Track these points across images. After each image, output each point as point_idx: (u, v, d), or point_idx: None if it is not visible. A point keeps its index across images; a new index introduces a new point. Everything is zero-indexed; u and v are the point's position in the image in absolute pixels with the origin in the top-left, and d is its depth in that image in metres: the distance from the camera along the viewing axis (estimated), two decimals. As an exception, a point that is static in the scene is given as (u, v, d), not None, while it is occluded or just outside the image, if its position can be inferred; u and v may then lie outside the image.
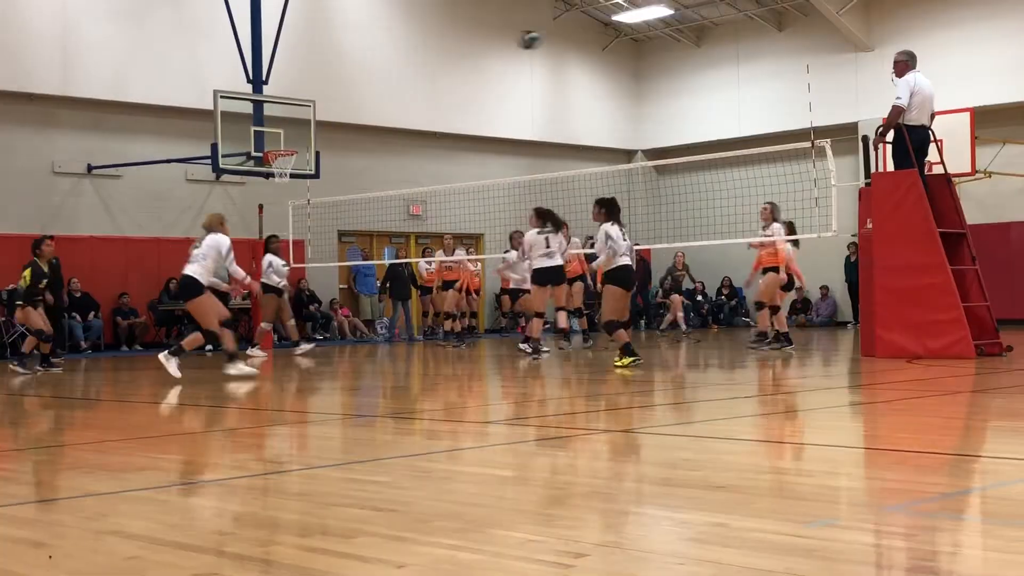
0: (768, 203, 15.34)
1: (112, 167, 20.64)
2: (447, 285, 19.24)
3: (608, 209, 12.97)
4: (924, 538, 3.71)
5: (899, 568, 3.39)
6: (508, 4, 26.54)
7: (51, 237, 16.15)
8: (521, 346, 15.94)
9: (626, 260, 12.70)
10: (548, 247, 14.52)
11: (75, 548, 3.81)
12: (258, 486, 5.23)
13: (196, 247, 12.63)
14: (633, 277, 13.04)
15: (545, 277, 14.53)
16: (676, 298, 22.13)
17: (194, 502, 4.80)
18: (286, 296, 17.74)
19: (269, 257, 17.25)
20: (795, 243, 15.39)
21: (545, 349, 15.27)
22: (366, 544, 3.74)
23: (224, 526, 4.22)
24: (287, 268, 17.67)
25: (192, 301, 12.51)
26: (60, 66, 19.99)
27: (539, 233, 14.56)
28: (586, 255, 16.93)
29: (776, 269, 15.12)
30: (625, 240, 12.81)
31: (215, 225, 12.80)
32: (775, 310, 15.37)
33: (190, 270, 12.43)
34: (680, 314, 22.08)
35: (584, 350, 16.56)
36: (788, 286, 15.88)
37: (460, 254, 19.49)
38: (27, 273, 14.52)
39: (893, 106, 13.12)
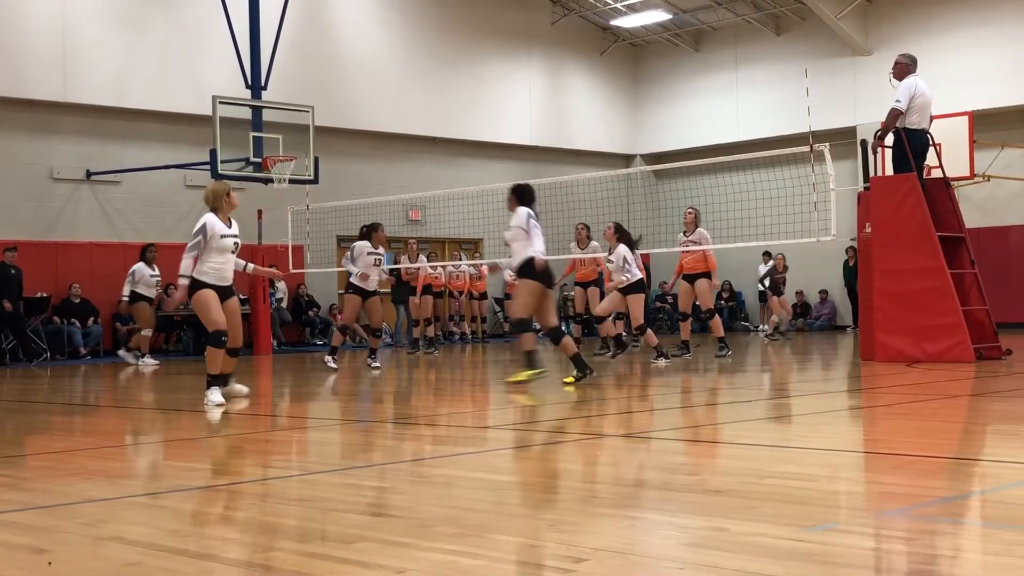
0: (692, 208, 15.35)
1: (111, 173, 20.65)
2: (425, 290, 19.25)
3: (520, 196, 11.75)
4: (924, 542, 3.71)
5: (899, 572, 3.39)
6: (506, 10, 26.57)
7: (13, 248, 16.52)
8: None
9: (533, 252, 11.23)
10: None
11: (75, 554, 3.81)
12: (257, 492, 5.22)
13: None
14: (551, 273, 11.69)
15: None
16: (778, 299, 22.02)
17: (194, 508, 4.80)
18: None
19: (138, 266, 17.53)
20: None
21: None
22: (366, 550, 3.74)
23: (224, 532, 4.22)
24: (156, 278, 17.98)
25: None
26: (59, 72, 20.00)
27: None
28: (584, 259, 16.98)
29: (707, 275, 14.99)
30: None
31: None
32: (686, 317, 15.29)
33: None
34: (784, 315, 21.89)
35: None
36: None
37: (422, 259, 19.44)
38: None
39: (891, 109, 13.13)
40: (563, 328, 12.47)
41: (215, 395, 9.50)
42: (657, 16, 26.99)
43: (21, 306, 18.30)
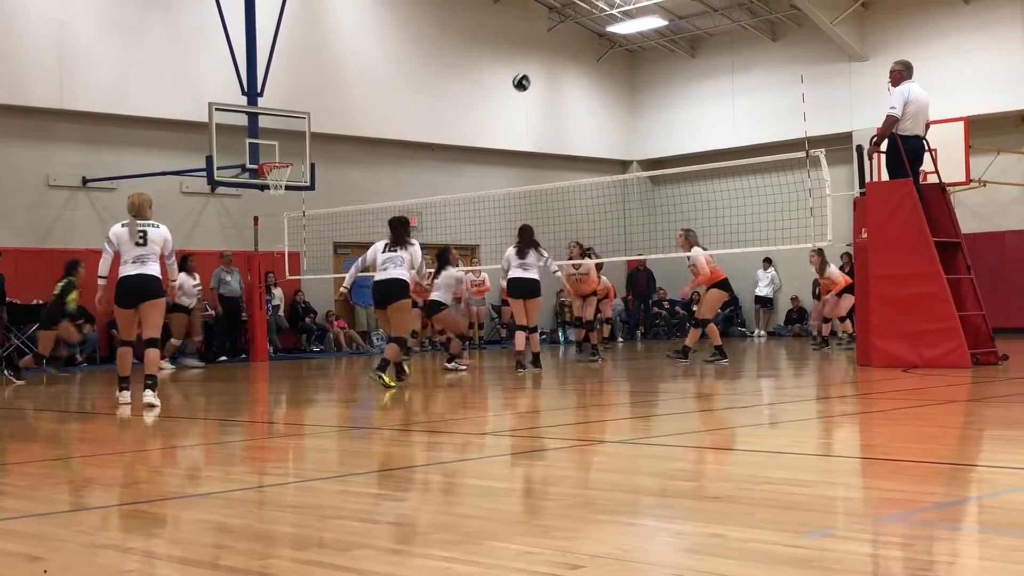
0: (682, 231, 15.65)
1: (107, 180, 20.63)
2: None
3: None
4: (921, 548, 3.71)
5: (896, 578, 3.39)
6: (503, 16, 26.59)
7: None
8: (449, 364, 15.07)
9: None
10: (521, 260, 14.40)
11: (71, 562, 3.80)
12: (254, 499, 5.22)
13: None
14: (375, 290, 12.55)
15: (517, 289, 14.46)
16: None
17: (190, 515, 4.79)
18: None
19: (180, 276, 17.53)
20: None
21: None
22: (363, 557, 3.73)
23: (221, 539, 4.21)
24: (198, 288, 18.32)
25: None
26: (55, 79, 19.99)
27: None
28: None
29: (718, 285, 15.17)
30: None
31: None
32: (706, 323, 15.50)
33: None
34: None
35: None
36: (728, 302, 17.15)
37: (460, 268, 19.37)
38: None
39: (887, 116, 13.16)
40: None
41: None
42: (653, 22, 27.02)
43: (4, 312, 18.23)
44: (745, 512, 4.32)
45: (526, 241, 14.56)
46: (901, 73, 13.42)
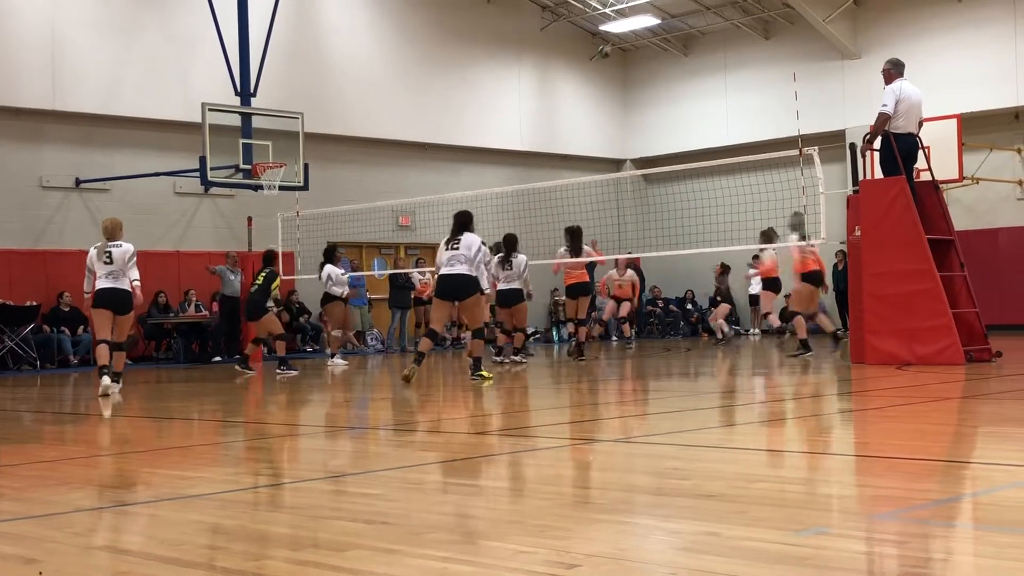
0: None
1: (100, 181, 20.61)
2: None
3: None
4: (916, 545, 3.72)
5: None
6: (496, 15, 26.59)
7: None
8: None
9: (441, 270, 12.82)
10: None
11: (65, 564, 3.79)
12: (249, 500, 5.21)
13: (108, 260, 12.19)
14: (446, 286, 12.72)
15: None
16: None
17: (185, 516, 4.78)
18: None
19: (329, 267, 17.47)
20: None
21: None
22: (358, 557, 3.73)
23: (215, 540, 4.21)
24: (346, 276, 18.08)
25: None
26: (48, 80, 19.96)
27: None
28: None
29: (813, 276, 15.74)
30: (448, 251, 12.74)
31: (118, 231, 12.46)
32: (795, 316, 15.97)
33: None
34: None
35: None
36: (777, 289, 17.59)
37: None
38: None
39: (879, 113, 13.18)
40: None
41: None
42: (646, 21, 27.04)
43: None
44: (740, 510, 4.32)
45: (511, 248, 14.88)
46: (891, 72, 13.44)
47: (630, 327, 21.15)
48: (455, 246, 12.74)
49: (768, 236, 17.23)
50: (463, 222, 12.92)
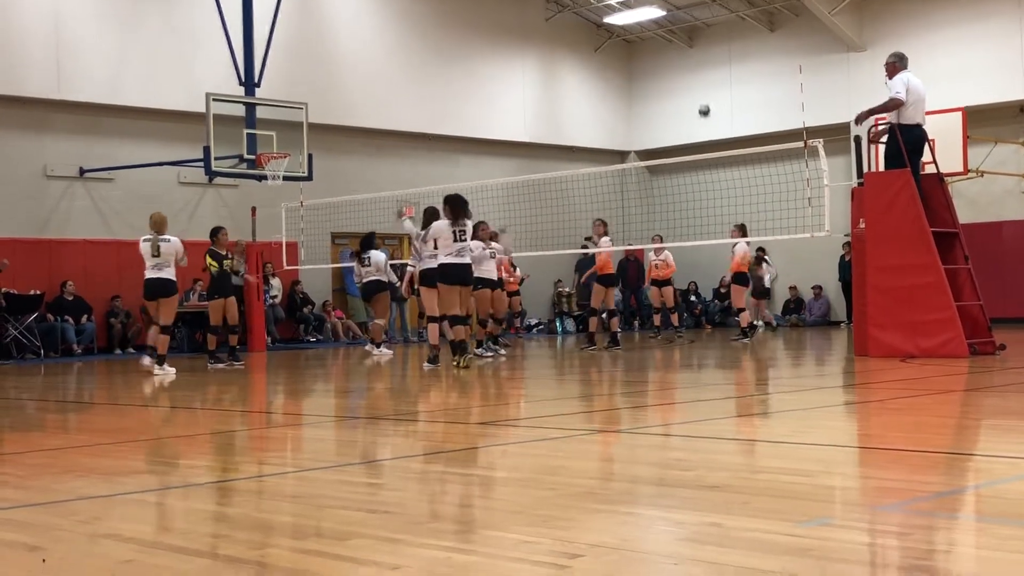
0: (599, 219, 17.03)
1: (104, 170, 20.62)
2: None
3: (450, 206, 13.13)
4: (919, 537, 3.71)
5: (894, 567, 3.39)
6: (500, 6, 26.55)
7: None
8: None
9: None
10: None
11: (69, 552, 3.80)
12: (252, 488, 5.22)
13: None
14: (462, 273, 13.09)
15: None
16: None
17: (188, 505, 4.79)
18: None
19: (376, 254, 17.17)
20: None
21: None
22: (361, 546, 3.74)
23: (218, 529, 4.21)
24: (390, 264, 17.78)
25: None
26: (52, 70, 19.96)
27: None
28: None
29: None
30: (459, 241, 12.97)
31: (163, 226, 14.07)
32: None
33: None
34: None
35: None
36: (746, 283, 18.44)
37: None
38: None
39: (891, 98, 13.08)
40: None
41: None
42: (651, 13, 26.98)
43: (1, 299, 18.19)
44: (743, 501, 4.32)
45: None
46: (895, 65, 13.40)
47: (679, 317, 20.66)
48: (463, 236, 13.06)
49: (743, 230, 17.46)
50: (461, 206, 13.28)
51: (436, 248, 13.23)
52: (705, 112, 27.38)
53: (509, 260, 18.12)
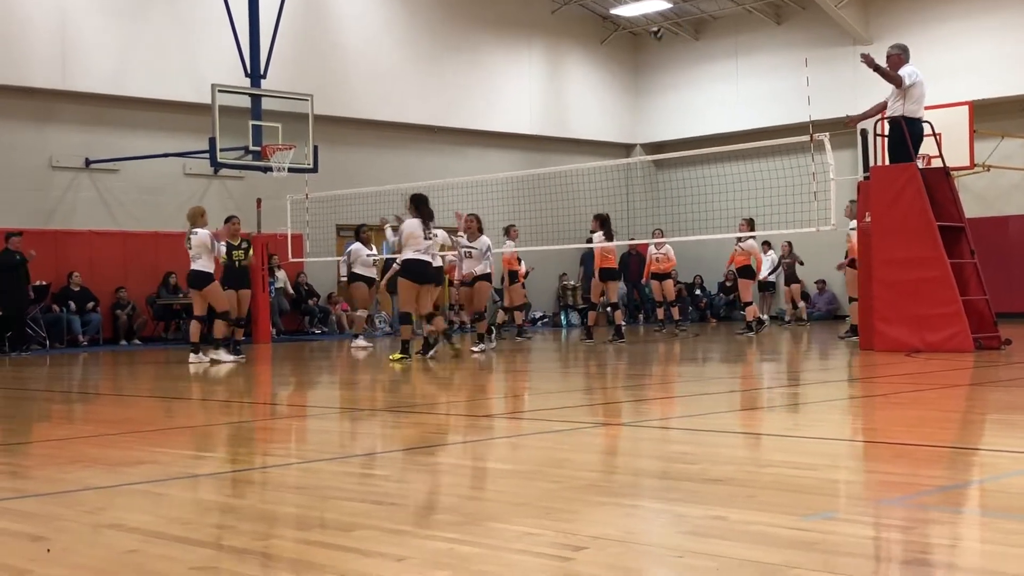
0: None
1: (110, 161, 20.62)
2: None
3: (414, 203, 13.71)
4: (922, 531, 3.72)
5: (898, 561, 3.40)
6: (506, -2, 26.53)
7: (18, 234, 16.89)
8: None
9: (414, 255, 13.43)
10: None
11: (74, 542, 3.81)
12: (257, 479, 5.23)
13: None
14: (426, 270, 13.57)
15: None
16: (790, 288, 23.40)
17: (193, 496, 4.80)
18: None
19: (355, 245, 17.23)
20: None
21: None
22: (365, 537, 3.74)
23: (223, 520, 4.22)
24: (373, 258, 17.71)
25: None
26: (58, 61, 19.96)
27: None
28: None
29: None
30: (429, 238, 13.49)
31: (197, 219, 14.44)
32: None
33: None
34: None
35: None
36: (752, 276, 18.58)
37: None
38: None
39: (898, 75, 13.01)
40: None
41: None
42: (657, 5, 26.92)
43: (30, 291, 18.21)
44: (747, 495, 4.32)
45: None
46: (900, 56, 13.36)
47: (680, 311, 20.75)
48: (430, 235, 13.64)
49: (752, 224, 17.58)
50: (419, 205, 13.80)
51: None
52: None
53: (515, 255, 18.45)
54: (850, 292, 16.31)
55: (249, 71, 19.65)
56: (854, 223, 15.17)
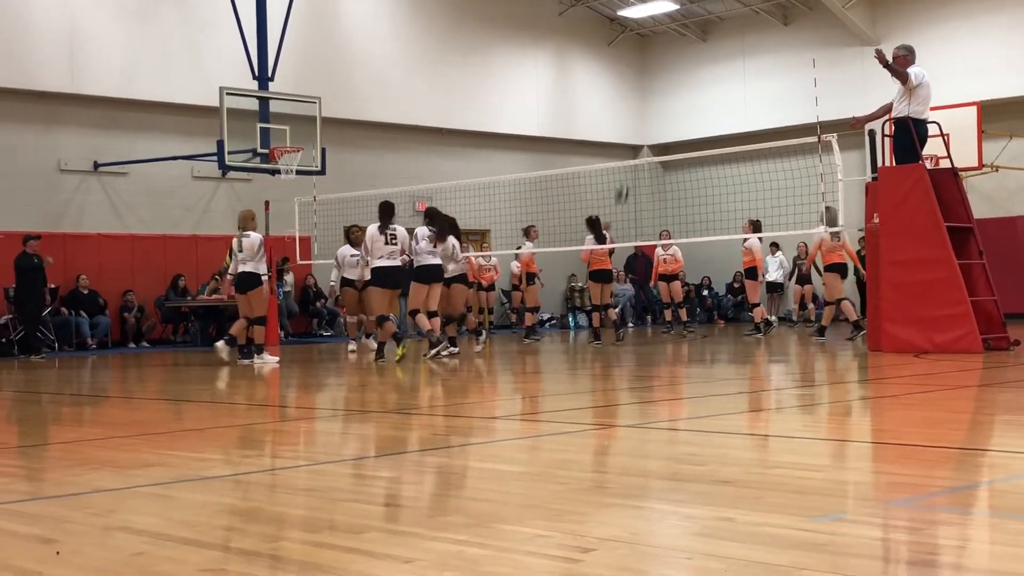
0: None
1: (119, 164, 20.67)
2: None
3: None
4: (931, 532, 3.71)
5: (906, 562, 3.39)
6: (514, 0, 26.52)
7: (37, 237, 16.90)
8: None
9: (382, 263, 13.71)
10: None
11: (83, 544, 3.82)
12: (265, 482, 5.23)
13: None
14: (394, 274, 13.84)
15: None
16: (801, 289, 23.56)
17: (201, 498, 4.81)
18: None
19: (343, 248, 16.97)
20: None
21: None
22: (373, 539, 3.74)
23: (231, 522, 4.23)
24: (356, 259, 16.81)
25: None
26: (67, 64, 20.01)
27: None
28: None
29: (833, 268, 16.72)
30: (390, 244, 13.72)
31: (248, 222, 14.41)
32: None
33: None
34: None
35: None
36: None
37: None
38: None
39: (906, 73, 13.00)
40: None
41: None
42: (664, 6, 26.94)
43: (46, 295, 18.22)
44: (755, 496, 4.32)
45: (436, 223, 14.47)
46: (906, 57, 13.35)
47: (687, 312, 20.83)
48: (393, 240, 13.87)
49: (756, 226, 17.64)
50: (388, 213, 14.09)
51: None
52: (621, 195, 26.83)
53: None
54: (827, 296, 16.89)
55: (257, 74, 19.68)
56: (823, 228, 15.27)
